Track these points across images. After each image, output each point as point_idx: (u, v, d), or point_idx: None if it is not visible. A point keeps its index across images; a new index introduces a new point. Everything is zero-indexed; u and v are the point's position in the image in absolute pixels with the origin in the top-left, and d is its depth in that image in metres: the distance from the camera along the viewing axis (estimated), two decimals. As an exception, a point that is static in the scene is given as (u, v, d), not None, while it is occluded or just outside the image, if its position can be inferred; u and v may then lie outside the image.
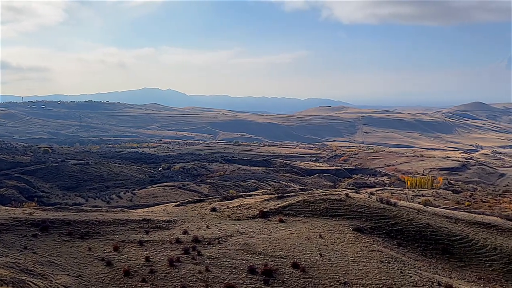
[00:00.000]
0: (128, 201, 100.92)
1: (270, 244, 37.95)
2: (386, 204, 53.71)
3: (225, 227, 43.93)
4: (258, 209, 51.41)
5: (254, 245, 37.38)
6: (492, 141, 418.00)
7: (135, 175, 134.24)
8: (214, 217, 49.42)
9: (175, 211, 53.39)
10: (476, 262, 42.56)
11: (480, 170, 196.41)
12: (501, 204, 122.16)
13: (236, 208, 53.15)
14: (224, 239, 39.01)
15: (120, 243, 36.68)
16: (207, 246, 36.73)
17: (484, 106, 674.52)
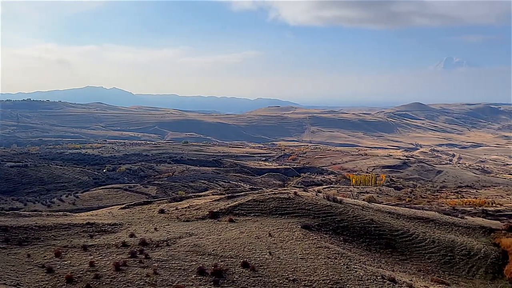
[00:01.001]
0: (70, 204, 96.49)
1: (220, 245, 37.79)
2: (333, 202, 55.25)
3: (174, 229, 43.20)
4: (208, 210, 51.04)
5: (203, 246, 37.05)
6: (430, 140, 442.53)
7: (78, 177, 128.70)
8: (162, 219, 48.45)
9: (121, 214, 51.77)
10: (416, 255, 44.86)
11: (419, 168, 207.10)
12: (439, 199, 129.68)
13: (185, 209, 52.44)
14: (173, 241, 38.34)
15: (62, 249, 34.98)
16: (155, 248, 35.92)
17: (423, 106, 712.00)
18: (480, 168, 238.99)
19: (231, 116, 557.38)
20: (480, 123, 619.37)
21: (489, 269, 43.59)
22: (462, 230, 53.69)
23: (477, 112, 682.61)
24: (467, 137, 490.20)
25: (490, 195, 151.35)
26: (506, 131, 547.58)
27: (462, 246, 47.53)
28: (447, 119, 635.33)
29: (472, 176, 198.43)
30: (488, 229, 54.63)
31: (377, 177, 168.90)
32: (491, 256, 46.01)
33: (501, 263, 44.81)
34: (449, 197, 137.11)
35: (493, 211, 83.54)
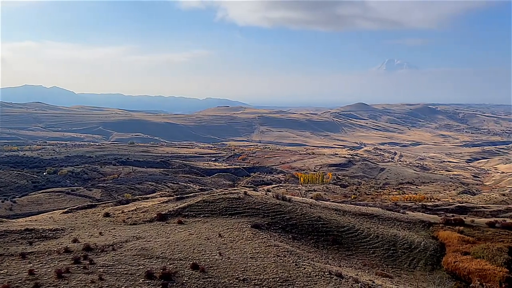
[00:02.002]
0: (7, 210, 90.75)
1: (169, 247, 37.03)
2: (282, 200, 55.97)
3: (120, 233, 41.79)
4: (156, 212, 49.91)
5: (151, 249, 36.14)
6: (374, 139, 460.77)
7: (15, 181, 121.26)
8: (107, 223, 46.75)
9: (63, 219, 49.36)
10: (362, 250, 46.46)
11: (363, 166, 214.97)
12: (382, 196, 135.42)
13: (132, 212, 50.96)
14: (119, 245, 37.07)
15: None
16: (100, 253, 34.53)
17: (367, 107, 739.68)
18: (419, 165, 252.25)
19: (180, 116, 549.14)
20: (419, 122, 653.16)
21: (429, 261, 46.01)
22: (404, 224, 56.33)
23: (417, 112, 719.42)
24: (408, 136, 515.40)
25: (428, 190, 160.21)
26: (443, 130, 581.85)
27: (404, 240, 49.84)
28: (389, 118, 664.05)
29: (412, 173, 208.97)
30: (427, 223, 57.73)
31: (324, 175, 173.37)
32: (430, 248, 48.62)
33: (439, 254, 47.46)
34: (391, 193, 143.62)
35: (431, 206, 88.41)
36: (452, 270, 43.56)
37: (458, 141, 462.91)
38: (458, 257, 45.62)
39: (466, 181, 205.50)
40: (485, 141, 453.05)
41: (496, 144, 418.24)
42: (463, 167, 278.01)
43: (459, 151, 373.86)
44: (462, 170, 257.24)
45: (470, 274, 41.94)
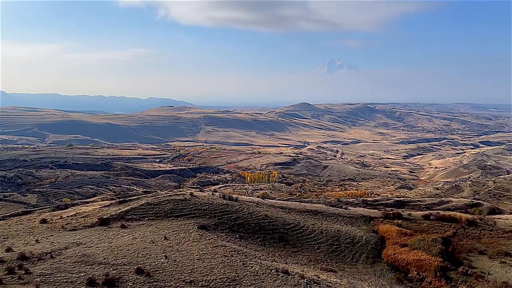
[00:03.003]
0: None
1: (112, 252, 35.70)
2: (229, 200, 55.90)
3: (58, 240, 39.68)
4: (97, 217, 47.96)
5: (93, 256, 34.65)
6: (317, 137, 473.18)
7: None
8: (44, 230, 44.23)
9: (-5, 227, 46.04)
10: (307, 246, 47.50)
11: (308, 164, 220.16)
12: (325, 193, 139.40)
13: (71, 217, 48.61)
14: (58, 252, 35.18)
15: None
16: (37, 262, 32.57)
17: (310, 106, 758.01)
18: (360, 163, 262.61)
19: (121, 116, 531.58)
20: (359, 121, 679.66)
21: (370, 254, 47.96)
22: (347, 220, 58.33)
23: (357, 111, 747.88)
24: (349, 134, 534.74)
25: (369, 186, 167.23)
26: (381, 128, 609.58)
27: (347, 235, 51.59)
28: (331, 118, 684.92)
29: (354, 170, 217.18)
30: (368, 217, 60.18)
31: (270, 174, 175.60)
32: (371, 242, 50.71)
33: (379, 247, 49.61)
34: (334, 190, 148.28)
35: (372, 201, 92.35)
36: (392, 262, 45.70)
37: (395, 138, 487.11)
38: (397, 249, 47.95)
39: (403, 177, 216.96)
40: (419, 138, 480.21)
41: (430, 140, 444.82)
42: (400, 163, 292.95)
43: (396, 148, 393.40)
44: (399, 166, 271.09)
45: (408, 265, 44.22)
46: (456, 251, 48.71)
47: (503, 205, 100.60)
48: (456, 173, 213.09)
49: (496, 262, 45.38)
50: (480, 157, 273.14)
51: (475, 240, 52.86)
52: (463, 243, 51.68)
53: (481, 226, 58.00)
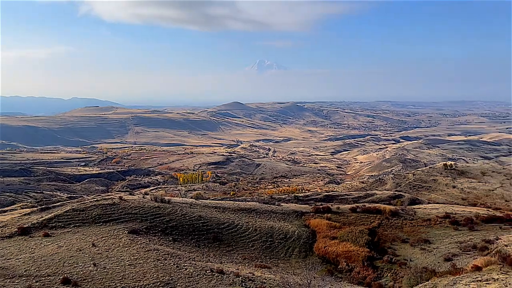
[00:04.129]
0: None
1: (34, 263, 33.29)
2: (161, 202, 54.56)
3: (-29, 254, 36.17)
4: (17, 226, 44.47)
5: (13, 268, 32.06)
6: (249, 136, 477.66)
7: None
8: (-46, 244, 40.11)
9: None
10: (241, 245, 47.74)
11: (241, 162, 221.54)
12: (259, 190, 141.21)
13: (-14, 228, 44.57)
14: (-30, 268, 32.07)
15: None
16: None
17: (242, 105, 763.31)
18: (291, 160, 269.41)
19: (41, 118, 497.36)
20: (289, 119, 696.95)
21: (302, 248, 49.32)
22: (279, 216, 59.49)
23: (287, 110, 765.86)
24: (280, 132, 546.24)
25: (300, 182, 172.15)
26: (310, 126, 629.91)
27: (280, 230, 52.62)
28: (262, 116, 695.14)
29: (285, 167, 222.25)
30: (300, 212, 61.87)
31: (204, 174, 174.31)
32: (303, 236, 52.16)
33: (311, 241, 51.19)
34: (267, 187, 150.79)
35: (303, 197, 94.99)
36: (322, 255, 47.37)
37: (323, 135, 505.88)
38: (327, 242, 49.79)
39: (332, 172, 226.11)
40: (346, 134, 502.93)
41: (355, 137, 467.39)
42: (328, 159, 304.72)
43: (324, 144, 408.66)
44: (327, 162, 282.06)
45: (338, 257, 46.09)
46: (381, 241, 51.63)
47: (422, 195, 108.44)
48: (379, 167, 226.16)
49: (417, 249, 48.74)
50: (401, 151, 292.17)
51: (398, 230, 56.41)
52: (388, 233, 54.91)
53: (403, 216, 62.06)
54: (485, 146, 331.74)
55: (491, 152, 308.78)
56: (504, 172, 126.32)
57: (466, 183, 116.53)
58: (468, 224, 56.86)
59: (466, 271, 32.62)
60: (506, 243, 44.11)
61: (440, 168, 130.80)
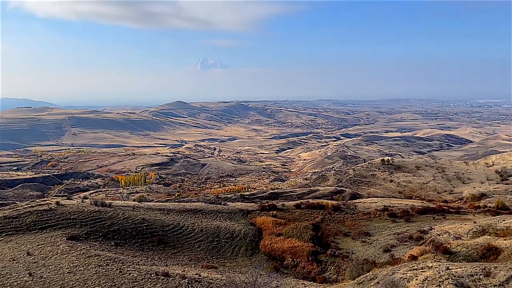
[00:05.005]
0: None
1: (-40, 278, 30.72)
2: (101, 206, 52.50)
3: None
4: None
5: None
6: (194, 136, 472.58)
7: None
8: None
9: None
10: (187, 246, 47.11)
11: (186, 163, 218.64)
12: (205, 190, 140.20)
13: None
14: None
15: None
16: None
17: (185, 105, 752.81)
18: (237, 159, 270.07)
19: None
20: (234, 118, 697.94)
21: (249, 246, 49.58)
22: (226, 215, 59.41)
23: (231, 109, 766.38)
24: (225, 131, 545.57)
25: (246, 181, 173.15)
26: (255, 124, 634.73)
27: (226, 230, 52.54)
28: (207, 116, 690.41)
29: (231, 166, 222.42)
30: (246, 211, 62.17)
31: (147, 176, 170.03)
32: (250, 234, 52.46)
33: (257, 239, 51.60)
34: (213, 187, 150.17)
35: (249, 195, 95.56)
36: (269, 252, 47.91)
37: (268, 134, 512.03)
38: (273, 239, 50.44)
39: (277, 170, 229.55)
40: (289, 133, 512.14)
41: (298, 135, 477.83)
42: (273, 157, 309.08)
43: (269, 143, 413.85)
44: (272, 160, 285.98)
45: (283, 253, 46.84)
46: (324, 235, 53.16)
47: (362, 190, 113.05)
48: (322, 164, 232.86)
49: (358, 242, 50.70)
50: (342, 148, 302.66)
51: (340, 224, 58.38)
52: (330, 227, 56.65)
53: (345, 211, 64.33)
54: (419, 141, 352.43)
55: (424, 147, 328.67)
56: (436, 166, 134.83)
57: (402, 177, 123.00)
58: (404, 216, 60.05)
59: (403, 261, 34.42)
60: (438, 233, 47.07)
61: (378, 164, 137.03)
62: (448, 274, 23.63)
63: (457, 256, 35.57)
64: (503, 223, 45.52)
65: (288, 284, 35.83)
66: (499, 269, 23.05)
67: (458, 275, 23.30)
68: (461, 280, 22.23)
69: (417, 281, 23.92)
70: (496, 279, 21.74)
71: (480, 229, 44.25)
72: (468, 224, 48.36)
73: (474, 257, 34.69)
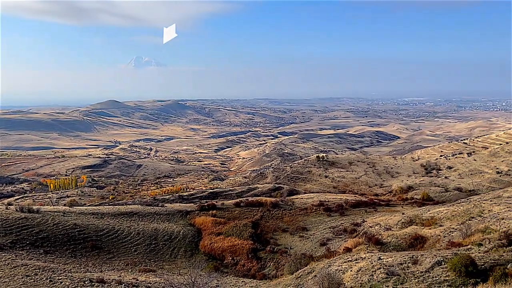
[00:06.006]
0: None
1: None
2: (28, 213, 49.13)
3: None
4: None
5: None
6: (129, 136, 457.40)
7: None
8: None
9: None
10: (123, 250, 45.47)
11: (120, 164, 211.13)
12: (141, 192, 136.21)
13: None
14: None
15: None
16: None
17: (119, 104, 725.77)
18: (174, 159, 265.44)
19: None
20: (171, 118, 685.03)
21: (188, 247, 48.90)
22: (164, 217, 58.12)
23: (168, 108, 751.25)
24: (161, 131, 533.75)
25: (184, 181, 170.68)
26: (193, 124, 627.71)
27: (164, 232, 51.42)
28: (142, 115, 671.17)
29: (169, 167, 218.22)
30: (185, 212, 61.27)
31: (78, 179, 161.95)
32: (189, 235, 51.76)
33: (197, 240, 51.06)
34: (150, 189, 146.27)
35: (187, 196, 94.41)
36: (209, 252, 47.62)
37: (206, 133, 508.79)
38: (213, 239, 50.19)
39: (216, 169, 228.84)
40: (228, 132, 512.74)
41: (237, 134, 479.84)
42: (212, 156, 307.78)
43: (208, 142, 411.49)
44: (211, 159, 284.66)
45: (223, 252, 46.78)
46: (264, 232, 53.83)
47: (299, 186, 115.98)
48: (260, 162, 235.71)
49: (296, 237, 51.91)
50: (279, 146, 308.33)
51: (279, 220, 59.42)
52: (269, 224, 57.48)
53: (283, 207, 65.57)
54: (351, 138, 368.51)
55: (356, 144, 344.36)
56: (367, 161, 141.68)
57: (336, 172, 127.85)
58: (339, 210, 62.45)
59: (339, 253, 35.72)
60: (370, 225, 49.46)
61: (313, 160, 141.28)
62: (380, 264, 24.86)
63: (388, 246, 37.56)
64: (428, 213, 48.81)
65: (228, 283, 35.79)
66: (425, 257, 24.64)
67: (389, 264, 24.59)
68: (392, 269, 23.47)
69: (351, 272, 24.91)
70: (423, 266, 23.21)
71: (408, 219, 47.10)
72: (397, 215, 51.29)
73: (403, 246, 36.84)
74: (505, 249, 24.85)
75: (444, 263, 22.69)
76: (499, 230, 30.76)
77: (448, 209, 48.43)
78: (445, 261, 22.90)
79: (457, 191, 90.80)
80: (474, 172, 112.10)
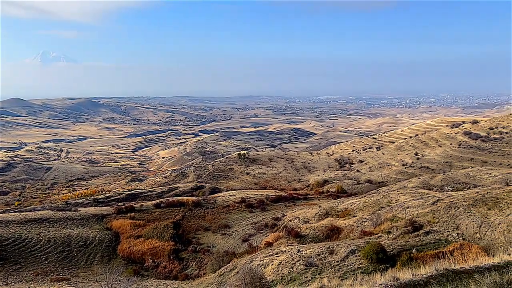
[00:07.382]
0: None
1: None
2: None
3: None
4: None
5: None
6: (36, 137, 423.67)
7: None
8: None
9: None
10: (33, 260, 42.06)
11: (27, 167, 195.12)
12: (51, 197, 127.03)
13: None
14: None
15: None
16: None
17: (24, 102, 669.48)
18: (88, 160, 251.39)
19: None
20: (83, 116, 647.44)
21: (105, 252, 46.56)
22: (77, 222, 54.73)
23: (80, 106, 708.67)
24: (73, 131, 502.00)
25: (99, 183, 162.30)
26: (107, 123, 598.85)
27: (79, 237, 48.43)
28: (50, 114, 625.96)
29: (82, 169, 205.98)
30: (101, 215, 58.27)
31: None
32: (106, 240, 49.29)
33: (114, 244, 48.80)
34: (61, 193, 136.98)
35: (103, 198, 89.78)
36: (127, 256, 45.76)
37: (122, 132, 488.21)
38: (132, 242, 48.32)
39: (134, 169, 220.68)
40: (146, 130, 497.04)
41: (156, 132, 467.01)
42: (129, 156, 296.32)
43: (124, 142, 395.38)
44: (129, 159, 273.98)
45: (143, 255, 45.26)
46: (186, 232, 53.04)
47: (221, 184, 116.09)
48: (181, 161, 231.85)
49: (218, 235, 51.86)
50: (200, 144, 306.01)
51: (201, 219, 58.94)
52: (191, 223, 56.79)
53: (205, 206, 65.17)
54: (271, 135, 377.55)
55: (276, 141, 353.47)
56: (286, 157, 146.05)
57: (257, 169, 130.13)
58: (260, 206, 63.58)
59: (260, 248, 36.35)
60: (290, 219, 51.00)
61: (235, 158, 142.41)
62: (299, 256, 25.71)
63: (306, 238, 39.00)
64: (342, 205, 51.56)
65: (148, 286, 34.71)
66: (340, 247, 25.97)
67: (308, 255, 25.53)
68: (310, 260, 24.41)
69: (273, 266, 25.47)
70: (338, 255, 24.43)
71: (324, 212, 49.34)
72: (314, 208, 53.47)
73: (320, 237, 38.49)
74: (410, 235, 27.09)
75: (358, 251, 24.12)
76: (405, 218, 33.39)
77: (360, 200, 51.59)
78: (358, 249, 24.34)
79: (368, 183, 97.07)
80: (383, 165, 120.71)
